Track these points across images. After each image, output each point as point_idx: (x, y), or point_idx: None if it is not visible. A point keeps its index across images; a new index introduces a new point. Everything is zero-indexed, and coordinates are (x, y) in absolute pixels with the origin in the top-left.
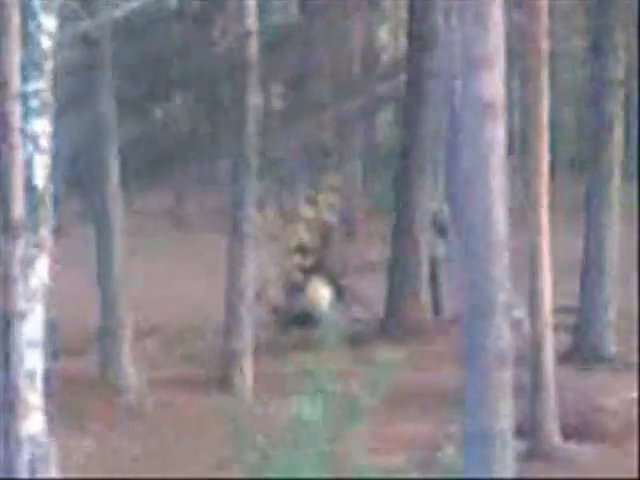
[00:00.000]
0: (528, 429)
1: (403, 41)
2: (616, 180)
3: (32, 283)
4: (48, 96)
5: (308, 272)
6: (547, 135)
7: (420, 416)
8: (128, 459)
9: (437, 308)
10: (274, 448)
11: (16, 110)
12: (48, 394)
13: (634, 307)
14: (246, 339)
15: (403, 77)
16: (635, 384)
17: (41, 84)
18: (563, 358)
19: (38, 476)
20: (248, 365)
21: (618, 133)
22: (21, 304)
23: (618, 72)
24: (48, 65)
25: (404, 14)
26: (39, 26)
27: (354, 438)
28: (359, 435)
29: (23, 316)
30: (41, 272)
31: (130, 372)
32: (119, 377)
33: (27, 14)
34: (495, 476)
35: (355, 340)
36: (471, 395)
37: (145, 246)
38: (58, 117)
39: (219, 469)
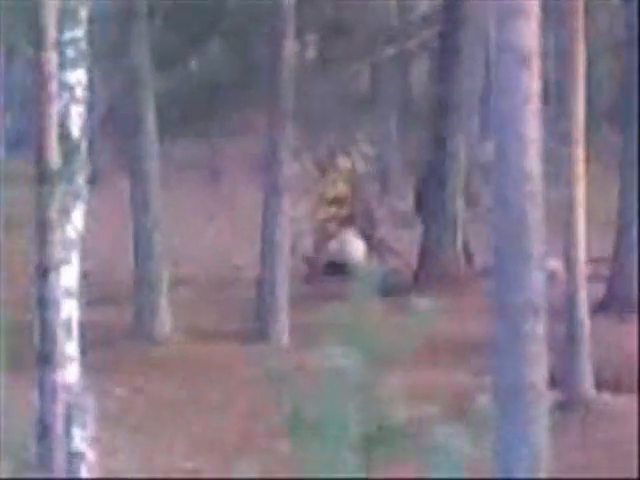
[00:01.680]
0: (563, 380)
1: None
2: None
3: (68, 232)
4: (84, 45)
5: (342, 223)
6: (583, 86)
7: (454, 367)
8: (162, 407)
9: (468, 257)
10: (308, 397)
11: (53, 59)
12: (84, 344)
13: None
14: (281, 290)
15: (438, 28)
16: None
17: (77, 33)
18: (597, 309)
19: (74, 425)
20: (283, 316)
21: None
22: (58, 253)
23: None
24: (83, 14)
25: None
26: None
27: (387, 388)
28: (392, 385)
29: (59, 265)
30: (77, 222)
31: (165, 322)
32: (154, 327)
33: None
34: (528, 427)
35: (389, 291)
36: (504, 346)
37: (180, 197)
38: (94, 67)
39: (253, 416)
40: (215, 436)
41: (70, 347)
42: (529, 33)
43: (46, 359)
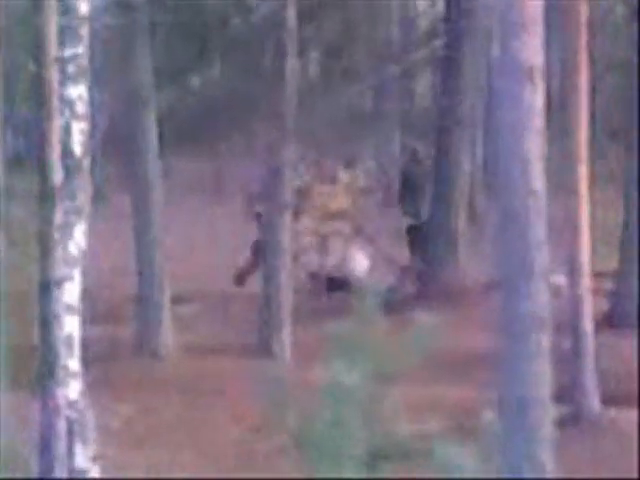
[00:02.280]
0: (568, 395)
1: (441, 5)
2: None
3: (70, 249)
4: (85, 62)
5: (346, 238)
6: (586, 102)
7: (458, 381)
8: (165, 424)
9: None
10: (311, 413)
11: (54, 76)
12: (86, 360)
13: None
14: (284, 305)
15: (441, 42)
16: None
17: (78, 49)
18: (601, 323)
19: (76, 441)
20: (287, 331)
21: None
22: (59, 270)
23: None
24: (84, 30)
25: None
26: None
27: (391, 403)
28: (396, 401)
29: (61, 282)
30: (79, 238)
31: (168, 338)
32: (157, 343)
33: None
34: (534, 442)
35: (392, 305)
36: (508, 360)
37: (183, 214)
38: (96, 84)
39: (258, 432)
40: (219, 452)
41: (72, 363)
42: (533, 48)
43: (48, 375)
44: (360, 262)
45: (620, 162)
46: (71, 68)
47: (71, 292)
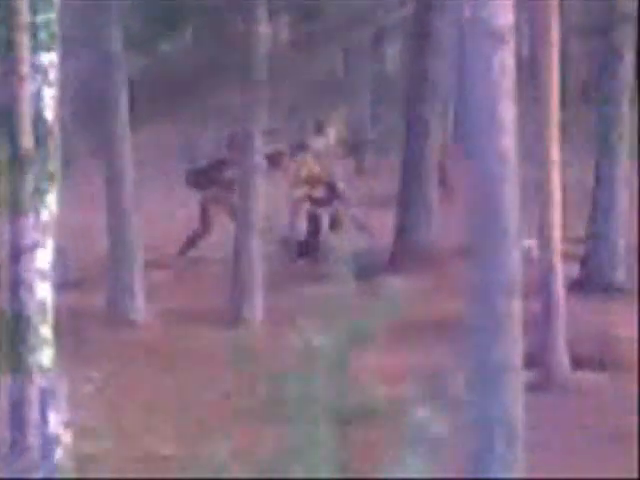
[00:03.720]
0: (538, 359)
1: None
2: (626, 109)
3: (42, 215)
4: (56, 28)
5: (316, 203)
6: (557, 65)
7: (429, 347)
8: (137, 391)
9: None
10: (283, 377)
11: (25, 41)
12: (58, 327)
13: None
14: (255, 271)
15: (412, 7)
16: None
17: (49, 15)
18: (572, 288)
19: (48, 408)
20: (258, 297)
21: (628, 60)
22: (31, 236)
23: (628, 4)
24: None
25: None
26: None
27: (363, 368)
28: (368, 365)
29: (33, 248)
30: (51, 204)
31: (139, 305)
32: (129, 309)
33: None
34: (505, 406)
35: (364, 271)
36: (479, 325)
37: (154, 181)
38: (66, 51)
39: (229, 398)
40: (191, 418)
41: (45, 330)
42: (503, 8)
43: (20, 342)
44: (331, 228)
45: (591, 124)
46: (43, 34)
47: (43, 258)
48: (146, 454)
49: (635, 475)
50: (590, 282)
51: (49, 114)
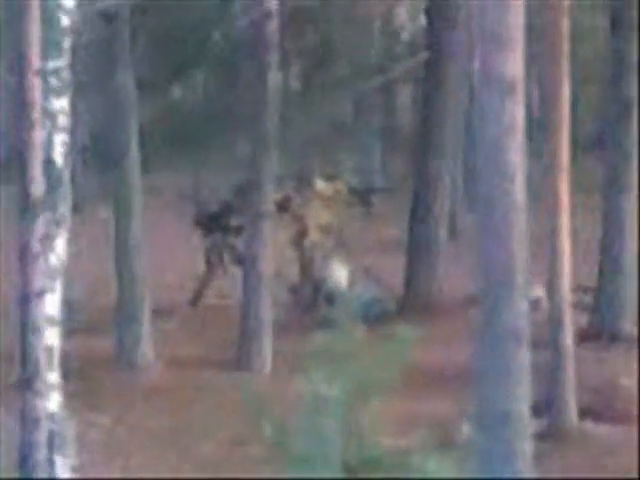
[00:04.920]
0: (546, 408)
1: (422, 20)
2: (635, 161)
3: (51, 261)
4: (67, 74)
5: (327, 251)
6: (568, 116)
7: (438, 395)
8: (144, 436)
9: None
10: (291, 424)
11: (36, 88)
12: (66, 372)
13: None
14: (264, 318)
15: (422, 57)
16: None
17: (60, 62)
18: (581, 338)
19: (55, 452)
20: (267, 344)
21: (637, 112)
22: (40, 282)
23: (637, 52)
24: (67, 43)
25: None
26: (58, 4)
27: (371, 417)
28: (375, 414)
29: (42, 294)
30: (60, 250)
31: (148, 351)
32: (137, 356)
33: None
34: (513, 455)
35: (373, 319)
36: (488, 374)
37: (163, 226)
38: (78, 96)
39: (237, 445)
40: (197, 464)
41: (52, 375)
42: (514, 62)
43: (28, 386)
44: (341, 275)
45: (599, 173)
46: (53, 81)
47: (52, 303)
48: None
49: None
50: (599, 332)
51: (59, 160)
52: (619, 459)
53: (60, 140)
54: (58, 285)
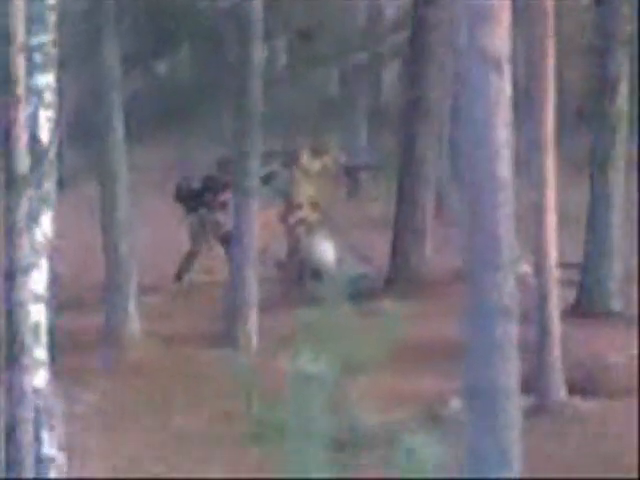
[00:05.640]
0: (534, 384)
1: None
2: (622, 134)
3: (37, 237)
4: (52, 50)
5: (313, 227)
6: (553, 91)
7: (425, 371)
8: (131, 412)
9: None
10: (277, 401)
11: (21, 63)
12: (53, 348)
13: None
14: (250, 294)
15: (407, 32)
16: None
17: (45, 37)
18: (568, 313)
19: (43, 429)
20: (252, 320)
21: (624, 86)
22: (26, 258)
23: (623, 26)
24: (52, 18)
25: None
26: None
27: (358, 393)
28: (363, 390)
29: (28, 270)
30: (46, 227)
31: (135, 327)
32: (124, 332)
33: None
34: (501, 431)
35: (359, 295)
36: (475, 350)
37: (149, 202)
38: (63, 71)
39: (224, 421)
40: (184, 439)
41: (39, 352)
42: (500, 37)
43: (14, 363)
44: (327, 251)
45: (586, 147)
46: (39, 56)
47: (38, 280)
48: (140, 472)
49: (635, 475)
50: (586, 307)
51: (45, 136)
52: (607, 434)
53: (46, 116)
54: (44, 262)
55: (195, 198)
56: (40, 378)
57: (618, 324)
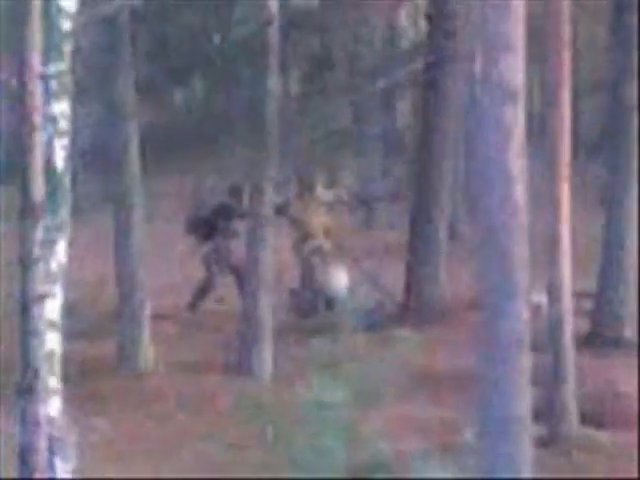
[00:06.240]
0: (546, 414)
1: (422, 25)
2: (635, 165)
3: (51, 266)
4: (68, 78)
5: (327, 256)
6: (569, 122)
7: (439, 400)
8: (145, 440)
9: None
10: (292, 430)
11: (37, 91)
12: (66, 377)
13: None
14: (265, 323)
15: (422, 62)
16: None
17: (61, 66)
18: (581, 343)
19: (56, 457)
20: (267, 349)
21: (636, 116)
22: (41, 287)
23: (637, 58)
24: (68, 47)
25: None
26: (59, 8)
27: (373, 422)
28: (377, 419)
29: (42, 298)
30: (60, 255)
31: (148, 355)
32: (138, 361)
33: None
34: (514, 461)
35: (373, 324)
36: (489, 379)
37: (163, 230)
38: (78, 100)
39: (237, 449)
40: (198, 469)
41: (53, 380)
42: (515, 68)
43: (28, 391)
44: (341, 280)
45: (600, 179)
46: (54, 85)
47: (52, 308)
48: None
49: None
50: (599, 337)
51: (60, 164)
52: (620, 465)
53: (61, 144)
54: (58, 290)
55: (208, 227)
56: (54, 407)
57: (632, 353)
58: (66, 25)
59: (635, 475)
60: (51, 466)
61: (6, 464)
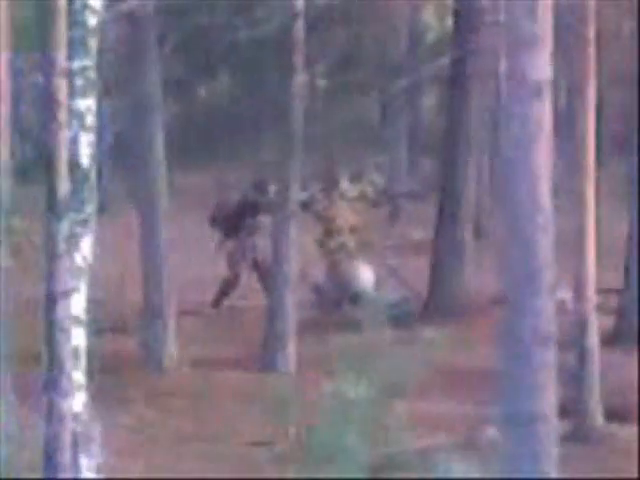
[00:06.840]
0: (572, 410)
1: (448, 21)
2: None
3: (77, 261)
4: (93, 74)
5: (352, 252)
6: (594, 117)
7: (463, 396)
8: (169, 436)
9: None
10: (315, 425)
11: (63, 87)
12: (92, 372)
13: None
14: (289, 319)
15: (448, 58)
16: None
17: (86, 62)
18: (606, 340)
19: (81, 453)
20: (291, 344)
21: None
22: (66, 282)
23: None
24: (93, 43)
25: None
26: (85, 4)
27: (396, 418)
28: (401, 415)
29: (68, 294)
30: (85, 250)
31: (173, 351)
32: (162, 356)
33: None
34: (538, 457)
35: (398, 320)
36: (513, 375)
37: (188, 226)
38: (104, 96)
39: (261, 445)
40: (222, 464)
41: (77, 375)
42: (541, 63)
43: (54, 387)
44: (366, 276)
45: (626, 176)
46: (80, 80)
47: (77, 304)
48: None
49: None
50: (624, 334)
51: (85, 160)
52: None
53: (86, 140)
54: (84, 285)
55: (233, 222)
56: (78, 402)
57: None
58: (92, 20)
59: None
60: (76, 462)
61: (31, 459)
